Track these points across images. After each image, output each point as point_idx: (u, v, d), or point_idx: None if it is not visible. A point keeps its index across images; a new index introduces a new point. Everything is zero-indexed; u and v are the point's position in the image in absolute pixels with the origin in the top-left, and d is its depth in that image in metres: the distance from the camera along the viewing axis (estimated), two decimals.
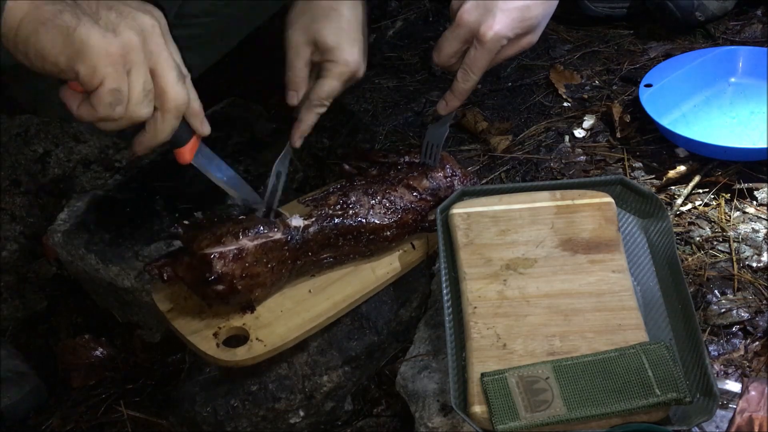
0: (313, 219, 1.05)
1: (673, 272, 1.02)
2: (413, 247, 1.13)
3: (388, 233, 1.08)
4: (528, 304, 0.98)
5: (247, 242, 0.99)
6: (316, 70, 1.10)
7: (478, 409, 0.88)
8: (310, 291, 1.07)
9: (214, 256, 0.96)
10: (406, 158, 1.16)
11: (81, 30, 0.73)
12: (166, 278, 1.00)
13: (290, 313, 1.04)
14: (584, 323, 0.95)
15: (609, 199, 1.09)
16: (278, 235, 1.01)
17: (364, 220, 1.07)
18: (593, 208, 1.08)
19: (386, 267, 1.10)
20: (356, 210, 1.07)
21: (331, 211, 1.06)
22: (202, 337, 1.01)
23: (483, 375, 0.90)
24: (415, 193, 1.11)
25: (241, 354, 0.99)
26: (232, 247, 0.97)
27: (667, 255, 1.04)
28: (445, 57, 1.12)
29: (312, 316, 1.04)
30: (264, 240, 1.00)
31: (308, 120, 1.09)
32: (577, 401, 0.87)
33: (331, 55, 1.05)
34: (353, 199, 1.08)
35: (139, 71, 0.78)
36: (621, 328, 0.94)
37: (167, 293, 1.05)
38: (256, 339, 1.00)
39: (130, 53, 0.77)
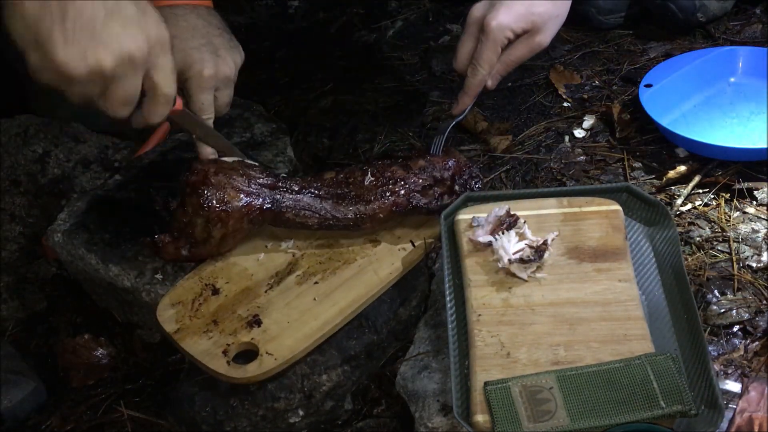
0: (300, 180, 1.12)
1: (678, 282, 1.01)
2: (413, 244, 1.13)
3: (376, 206, 1.09)
4: (533, 312, 0.97)
5: (227, 158, 1.09)
6: None
7: (480, 418, 0.87)
8: (314, 299, 1.06)
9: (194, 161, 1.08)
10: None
11: (52, 46, 0.76)
12: (159, 243, 1.06)
13: (297, 324, 1.03)
14: (589, 333, 0.94)
15: (616, 207, 1.08)
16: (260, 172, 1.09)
17: (348, 188, 1.11)
18: (600, 215, 1.07)
19: (389, 268, 1.10)
20: (344, 178, 1.12)
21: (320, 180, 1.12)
22: (212, 355, 1.00)
23: (486, 384, 0.89)
24: (408, 171, 1.13)
25: (252, 370, 0.99)
26: (213, 157, 1.10)
27: (673, 264, 1.03)
28: (461, 59, 1.17)
29: (320, 324, 1.03)
30: (245, 163, 1.08)
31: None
32: (580, 412, 0.86)
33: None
34: (345, 170, 1.13)
35: (125, 83, 0.84)
36: (627, 338, 0.93)
37: (172, 314, 1.05)
38: (266, 353, 1.00)
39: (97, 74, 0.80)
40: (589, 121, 1.43)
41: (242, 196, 1.05)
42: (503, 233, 1.03)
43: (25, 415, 1.12)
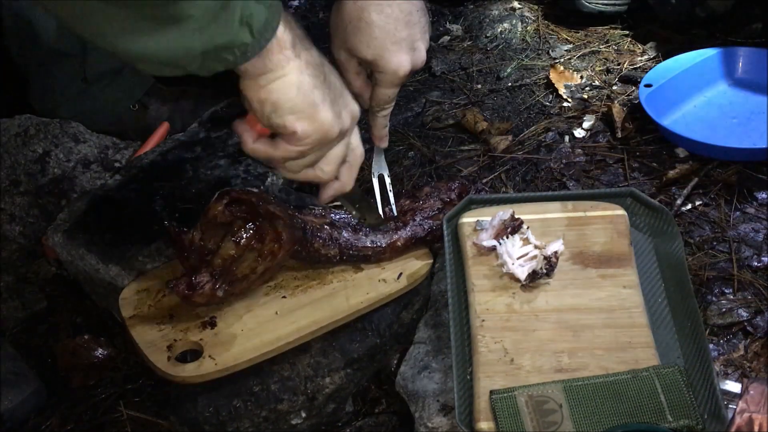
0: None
1: (682, 289, 1.01)
2: (398, 278, 1.09)
3: (393, 235, 1.09)
4: (537, 318, 0.96)
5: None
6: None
7: (484, 425, 0.87)
8: (276, 313, 1.03)
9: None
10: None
11: (321, 109, 0.87)
12: (197, 285, 0.98)
13: (250, 334, 1.01)
14: (593, 340, 0.94)
15: (622, 212, 1.07)
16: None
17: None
18: (605, 220, 1.06)
19: (361, 296, 1.06)
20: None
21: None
22: (156, 348, 0.99)
23: (492, 393, 0.88)
24: (416, 201, 1.13)
25: (189, 370, 0.97)
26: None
27: (677, 270, 1.03)
28: None
29: (271, 339, 1.00)
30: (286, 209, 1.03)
31: (377, 124, 1.09)
32: (587, 424, 0.85)
33: (375, 67, 1.02)
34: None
35: (339, 147, 0.94)
36: (631, 346, 0.93)
37: (134, 300, 1.04)
38: (209, 356, 0.98)
39: (341, 135, 0.92)
40: (589, 121, 1.43)
41: (287, 227, 1.00)
42: (507, 237, 1.02)
43: (25, 415, 1.12)
